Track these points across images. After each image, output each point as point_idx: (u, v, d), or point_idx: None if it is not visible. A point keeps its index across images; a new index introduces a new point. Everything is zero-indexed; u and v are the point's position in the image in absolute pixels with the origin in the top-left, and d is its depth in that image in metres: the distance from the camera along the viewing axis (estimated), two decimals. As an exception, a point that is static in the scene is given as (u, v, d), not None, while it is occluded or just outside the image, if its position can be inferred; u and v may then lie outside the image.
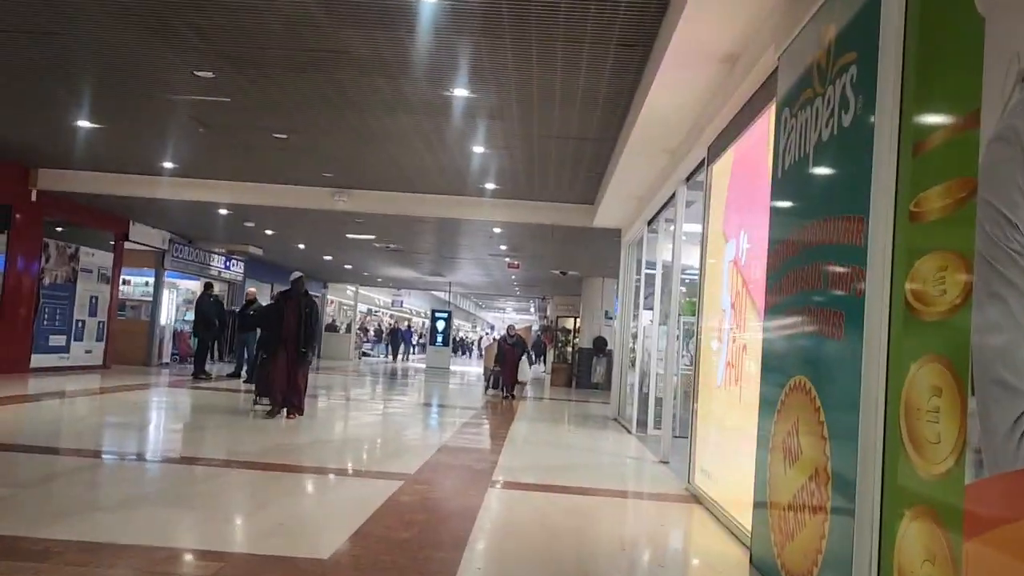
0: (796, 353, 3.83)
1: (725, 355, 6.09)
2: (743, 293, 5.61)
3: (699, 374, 6.74)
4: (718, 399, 6.22)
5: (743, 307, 5.61)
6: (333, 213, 13.89)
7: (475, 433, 9.87)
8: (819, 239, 3.52)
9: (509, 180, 11.93)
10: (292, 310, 9.94)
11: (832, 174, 3.49)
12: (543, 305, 38.57)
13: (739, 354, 5.60)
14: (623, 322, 13.17)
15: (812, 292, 3.58)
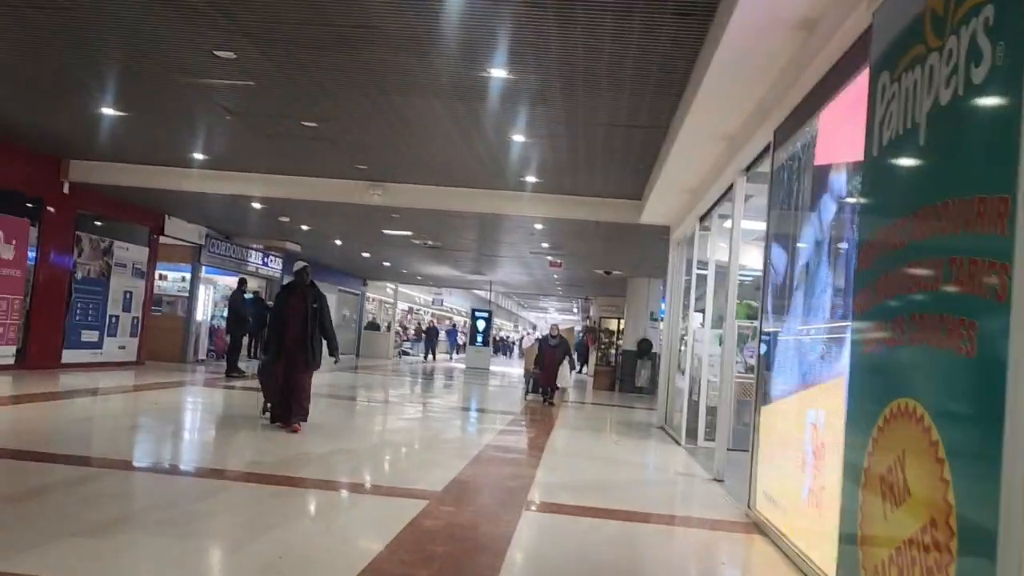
0: (899, 370, 3.10)
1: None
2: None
3: (761, 383, 5.99)
4: (783, 412, 5.48)
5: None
6: (368, 208, 13.38)
7: (511, 442, 9.22)
8: (936, 228, 2.79)
9: (551, 173, 11.25)
10: (297, 306, 8.63)
11: (956, 145, 2.75)
12: (586, 306, 37.80)
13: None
14: (671, 325, 12.40)
15: (926, 295, 2.85)
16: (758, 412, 5.98)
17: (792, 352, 5.36)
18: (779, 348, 5.64)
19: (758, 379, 6.03)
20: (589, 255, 17.92)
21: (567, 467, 7.89)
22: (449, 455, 7.84)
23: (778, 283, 5.87)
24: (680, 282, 12.31)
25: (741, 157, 7.18)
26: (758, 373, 6.05)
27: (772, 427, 5.63)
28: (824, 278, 4.81)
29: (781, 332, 5.63)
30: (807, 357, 4.95)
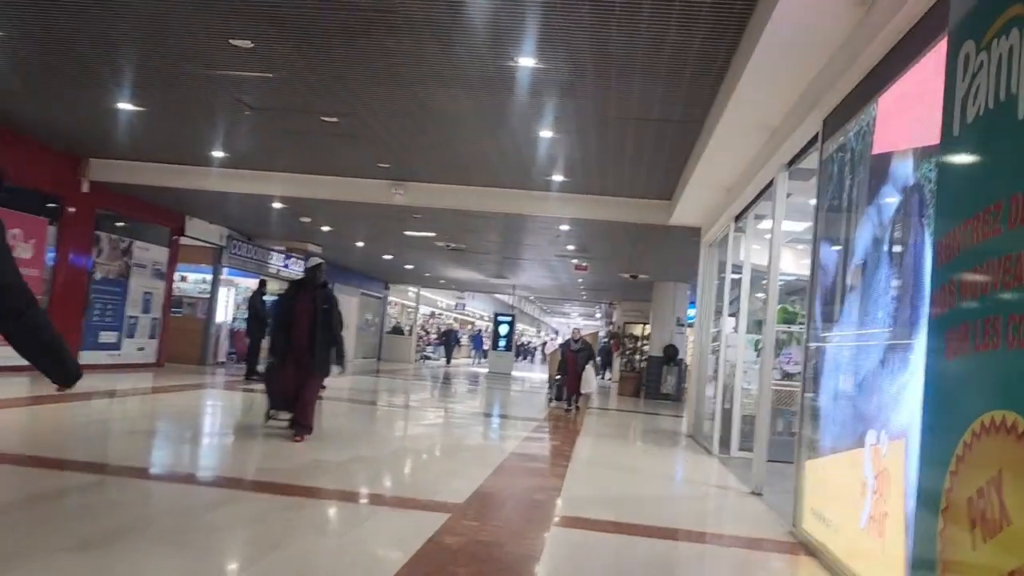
0: (991, 379, 2.68)
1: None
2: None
3: (808, 393, 5.56)
4: (835, 427, 5.05)
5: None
6: (390, 208, 13.07)
7: (535, 451, 8.83)
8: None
9: (579, 171, 10.87)
10: (305, 305, 7.96)
11: (1072, 115, 2.35)
12: (609, 311, 37.32)
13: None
14: (702, 330, 11.96)
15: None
16: (804, 422, 5.55)
17: (845, 362, 4.94)
18: (829, 357, 5.21)
19: (804, 388, 5.59)
20: (615, 258, 17.52)
21: (595, 478, 7.49)
22: (471, 464, 7.47)
23: (828, 286, 5.44)
24: (711, 285, 11.88)
25: (784, 150, 6.76)
26: (804, 382, 5.61)
27: (822, 441, 5.20)
28: (884, 279, 4.39)
29: (832, 340, 5.20)
30: (865, 367, 4.52)
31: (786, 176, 7.10)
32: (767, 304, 7.17)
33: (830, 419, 5.10)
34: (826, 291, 5.45)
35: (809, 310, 5.63)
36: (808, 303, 5.65)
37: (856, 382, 4.63)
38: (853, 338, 4.77)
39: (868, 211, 4.80)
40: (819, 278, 5.60)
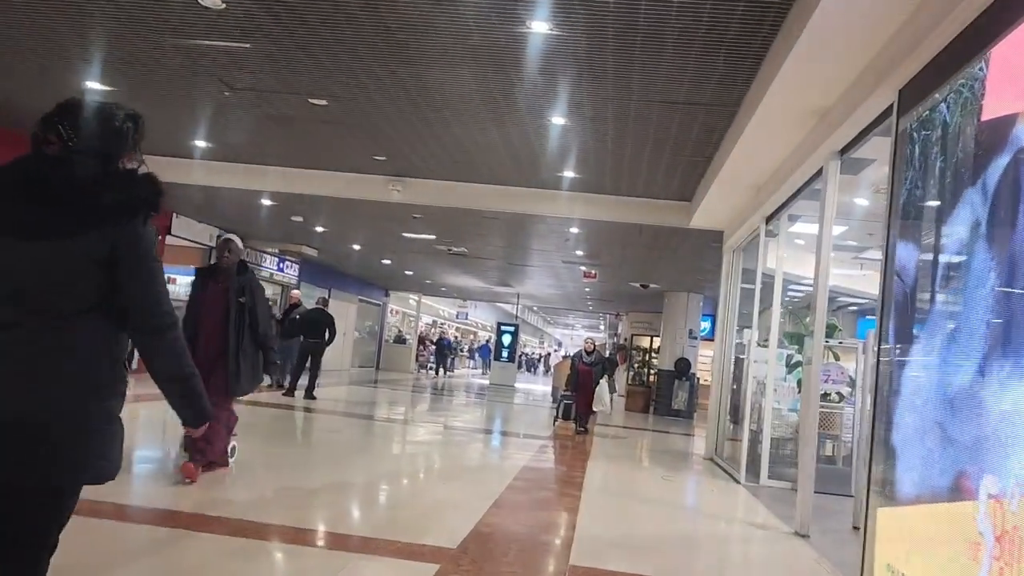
0: None
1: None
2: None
3: (881, 421, 4.57)
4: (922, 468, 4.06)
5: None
6: (388, 207, 12.14)
7: (542, 477, 7.83)
8: None
9: (592, 167, 9.92)
10: (216, 299, 5.97)
11: None
12: (614, 322, 36.25)
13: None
14: (723, 342, 10.98)
15: None
16: (874, 458, 4.55)
17: (937, 387, 3.95)
18: (910, 380, 4.23)
19: (874, 417, 4.60)
20: (626, 265, 16.54)
21: (613, 513, 6.49)
22: (468, 494, 6.48)
23: (908, 292, 4.47)
24: (735, 294, 10.90)
25: (837, 136, 5.80)
26: (876, 408, 4.62)
27: (900, 484, 4.20)
28: (1005, 279, 3.41)
29: (915, 358, 4.21)
30: (972, 395, 3.54)
31: (838, 166, 6.14)
32: (814, 314, 6.19)
33: (915, 457, 4.10)
34: (905, 298, 4.47)
35: (880, 323, 4.64)
36: (880, 314, 4.66)
37: (958, 413, 3.65)
38: (950, 357, 3.79)
39: (971, 198, 3.83)
40: (892, 284, 4.62)
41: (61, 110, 2.09)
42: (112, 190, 2.04)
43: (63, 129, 2.06)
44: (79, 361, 2.01)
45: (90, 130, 2.08)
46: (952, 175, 3.99)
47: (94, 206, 2.02)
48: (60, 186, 2.01)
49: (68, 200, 2.01)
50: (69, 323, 2.01)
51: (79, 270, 2.01)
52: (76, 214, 2.00)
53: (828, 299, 12.27)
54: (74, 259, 2.00)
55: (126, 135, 2.16)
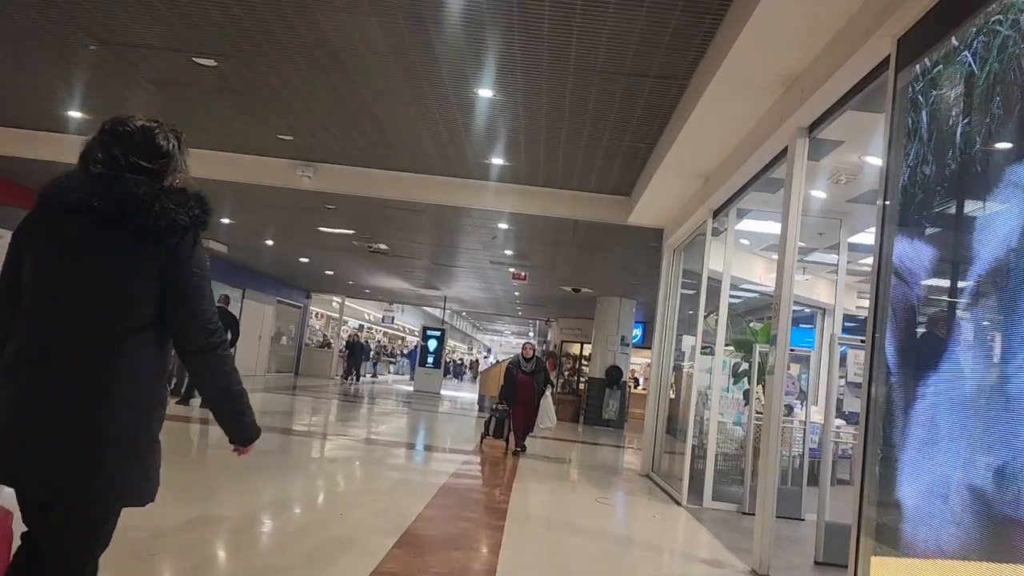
0: None
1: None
2: None
3: (872, 426, 3.68)
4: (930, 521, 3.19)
5: None
6: (298, 194, 10.93)
7: (459, 505, 6.72)
8: None
9: (524, 153, 8.96)
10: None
11: None
12: (544, 328, 35.46)
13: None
14: (662, 349, 10.14)
15: None
16: (864, 494, 3.66)
17: (962, 413, 3.07)
18: (924, 405, 3.34)
19: (868, 444, 3.70)
20: (558, 267, 15.64)
21: (541, 550, 5.48)
22: (368, 528, 5.37)
23: (911, 299, 3.59)
24: (675, 297, 10.09)
25: (808, 107, 4.96)
26: (868, 435, 3.72)
27: (909, 531, 3.30)
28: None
29: (931, 379, 3.33)
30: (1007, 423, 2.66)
31: (806, 145, 5.30)
32: (777, 316, 5.33)
33: (933, 500, 3.21)
34: (909, 306, 3.59)
35: (871, 336, 3.75)
36: (871, 323, 3.77)
37: (998, 448, 2.76)
38: (990, 376, 2.91)
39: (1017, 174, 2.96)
40: (887, 288, 3.75)
41: (108, 131, 2.10)
42: (164, 208, 2.03)
43: (112, 150, 2.07)
44: (130, 381, 2.01)
45: (137, 150, 2.09)
46: (983, 141, 3.12)
47: (148, 224, 2.01)
48: (114, 205, 2.00)
49: (122, 219, 2.00)
50: (122, 342, 2.00)
51: (133, 288, 2.02)
52: (130, 232, 2.00)
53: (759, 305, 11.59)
54: (128, 277, 2.02)
55: (172, 153, 2.16)
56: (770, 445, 5.14)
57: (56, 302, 2.00)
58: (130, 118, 2.14)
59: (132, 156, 2.07)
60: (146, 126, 2.13)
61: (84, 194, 2.00)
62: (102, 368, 1.96)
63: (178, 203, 2.05)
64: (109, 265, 2.01)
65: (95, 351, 1.97)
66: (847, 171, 6.55)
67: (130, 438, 1.99)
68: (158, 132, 2.14)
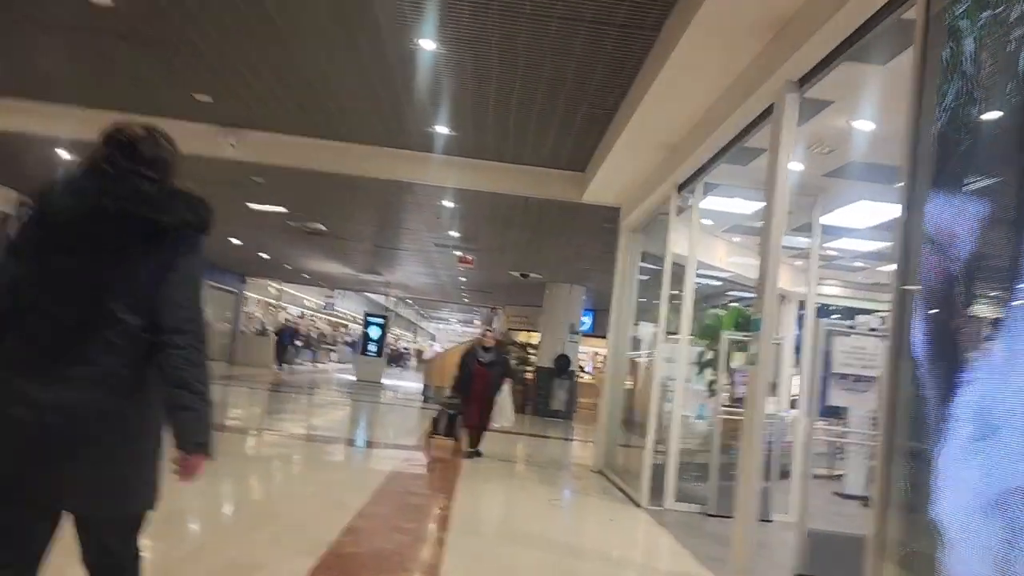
0: None
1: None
2: None
3: (893, 430, 3.01)
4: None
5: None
6: (222, 166, 9.89)
7: (394, 514, 5.85)
8: None
9: (471, 121, 8.15)
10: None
11: None
12: (489, 316, 34.67)
13: None
14: (618, 336, 9.47)
15: None
16: (887, 515, 2.99)
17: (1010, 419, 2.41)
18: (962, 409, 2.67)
19: (889, 457, 3.02)
20: (507, 250, 14.86)
21: (488, 565, 4.71)
22: (283, 547, 4.52)
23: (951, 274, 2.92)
24: (631, 281, 9.42)
25: (801, 55, 4.28)
26: (886, 444, 3.04)
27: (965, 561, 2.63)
28: None
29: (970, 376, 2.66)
30: None
31: (796, 102, 4.61)
32: (761, 298, 4.64)
33: (978, 523, 2.54)
34: (950, 282, 2.92)
35: (899, 313, 3.07)
36: (898, 301, 3.09)
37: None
38: None
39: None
40: (914, 259, 3.07)
41: (110, 139, 2.16)
42: (175, 209, 2.12)
43: (116, 156, 2.12)
44: (152, 380, 2.04)
45: (140, 158, 2.15)
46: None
47: (162, 224, 2.09)
48: (134, 205, 2.07)
49: (139, 218, 2.06)
50: (137, 340, 2.03)
51: (143, 286, 2.05)
52: (146, 232, 2.06)
53: (717, 292, 10.99)
54: (137, 275, 2.06)
55: (170, 161, 2.24)
56: (753, 442, 4.46)
57: (71, 299, 2.01)
58: (128, 126, 2.18)
59: (135, 163, 2.13)
60: (143, 137, 2.18)
61: (100, 195, 2.04)
62: (121, 368, 2.00)
63: (187, 205, 2.15)
64: (129, 263, 2.05)
65: (112, 348, 2.00)
66: (830, 139, 5.90)
67: (154, 440, 2.07)
68: (154, 142, 2.20)
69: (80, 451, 1.93)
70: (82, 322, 1.99)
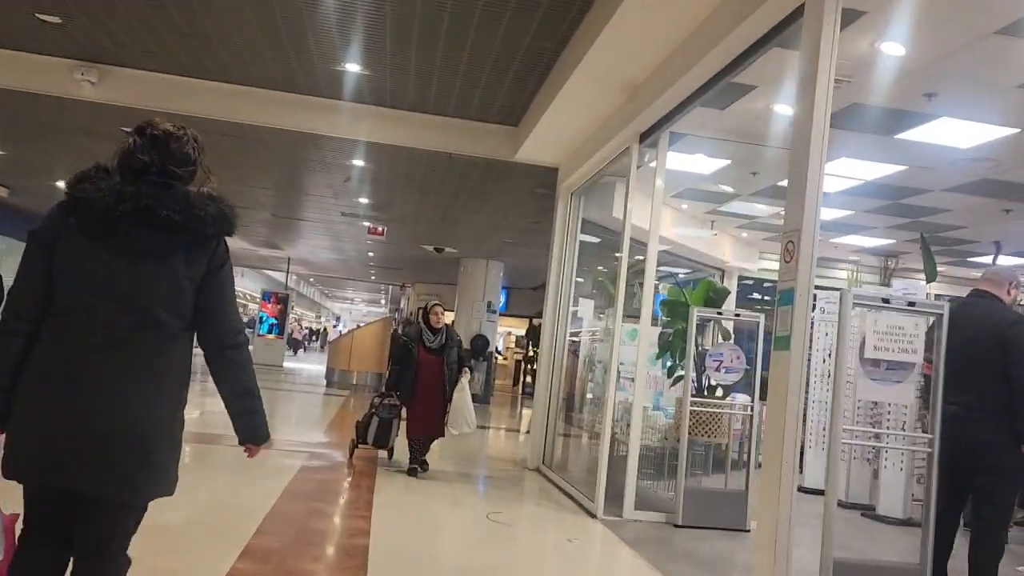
0: None
1: None
2: None
3: None
4: None
5: None
6: (81, 110, 8.21)
7: (293, 548, 4.46)
8: None
9: (388, 59, 6.77)
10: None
11: None
12: (397, 295, 33.12)
13: None
14: (557, 315, 8.31)
15: None
16: None
17: None
18: None
19: None
20: (422, 220, 13.45)
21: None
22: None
23: None
24: (572, 251, 8.27)
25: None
26: None
27: None
28: None
29: None
30: None
31: (837, 9, 3.47)
32: (795, 256, 3.50)
33: None
34: None
35: None
36: None
37: None
38: None
39: None
40: None
41: (143, 135, 2.19)
42: (202, 211, 2.14)
43: (150, 155, 2.15)
44: (176, 379, 2.16)
45: (173, 158, 2.19)
46: None
47: (203, 231, 2.14)
48: (180, 213, 2.09)
49: (183, 225, 2.10)
50: (176, 341, 2.14)
51: (182, 289, 2.13)
52: (175, 234, 2.10)
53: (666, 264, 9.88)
54: (177, 278, 2.13)
55: (197, 160, 2.26)
56: (784, 455, 3.34)
57: (114, 301, 2.06)
58: (157, 122, 2.22)
59: (167, 163, 2.17)
60: (176, 134, 2.22)
61: (140, 199, 2.07)
62: (158, 364, 2.10)
63: (220, 210, 2.19)
64: (171, 267, 2.11)
65: (154, 350, 2.09)
66: (843, 70, 4.84)
67: (172, 434, 2.16)
68: (185, 140, 2.24)
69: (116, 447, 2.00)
70: (125, 324, 2.05)
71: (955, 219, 8.77)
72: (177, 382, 2.15)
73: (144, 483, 2.09)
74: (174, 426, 2.16)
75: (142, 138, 2.18)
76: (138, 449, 2.03)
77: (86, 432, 1.97)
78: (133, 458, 2.03)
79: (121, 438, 2.00)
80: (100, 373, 2.00)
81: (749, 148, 6.60)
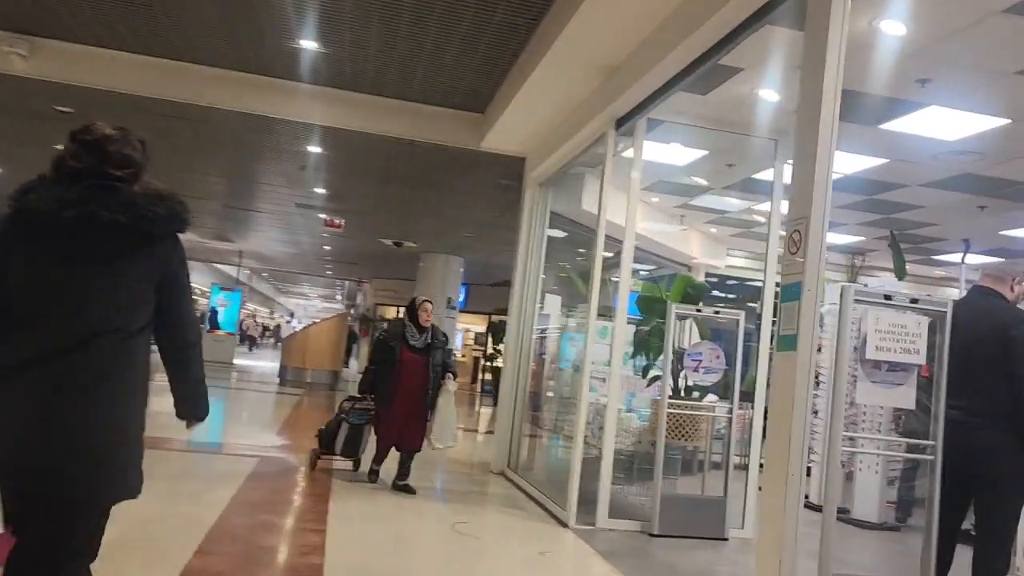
0: None
1: None
2: None
3: None
4: None
5: None
6: (12, 86, 7.59)
7: (239, 567, 4.07)
8: None
9: (348, 38, 6.34)
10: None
11: None
12: (353, 291, 32.45)
13: None
14: (523, 310, 7.94)
15: None
16: None
17: None
18: None
19: None
20: (381, 211, 12.97)
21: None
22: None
23: None
24: (539, 246, 7.90)
25: None
26: None
27: None
28: None
29: None
30: None
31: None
32: (803, 244, 3.18)
33: None
34: None
35: None
36: None
37: None
38: None
39: None
40: None
41: (78, 141, 2.16)
42: (150, 212, 2.13)
43: (87, 159, 2.12)
44: (137, 379, 2.16)
45: (111, 160, 2.15)
46: None
47: (151, 232, 2.13)
48: (126, 215, 2.08)
49: (112, 225, 2.08)
50: (133, 342, 2.14)
51: (137, 290, 2.15)
52: (126, 236, 2.09)
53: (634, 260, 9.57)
54: (138, 281, 2.15)
55: (140, 162, 2.22)
56: (791, 463, 3.01)
57: (69, 306, 2.07)
58: (94, 127, 2.18)
59: (105, 166, 2.13)
60: (112, 136, 2.18)
61: (84, 204, 2.05)
62: (116, 366, 2.10)
63: (169, 209, 2.17)
64: (121, 270, 2.12)
65: (111, 352, 2.09)
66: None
67: (134, 434, 2.15)
68: (124, 142, 2.19)
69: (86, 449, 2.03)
70: (80, 330, 2.05)
71: (927, 216, 8.63)
72: (135, 382, 2.16)
73: (105, 484, 2.09)
74: (136, 427, 2.16)
75: (75, 144, 2.16)
76: (98, 451, 2.05)
77: (45, 436, 1.99)
78: (93, 459, 2.04)
79: (81, 440, 2.02)
80: (59, 379, 2.02)
81: (728, 137, 6.28)
